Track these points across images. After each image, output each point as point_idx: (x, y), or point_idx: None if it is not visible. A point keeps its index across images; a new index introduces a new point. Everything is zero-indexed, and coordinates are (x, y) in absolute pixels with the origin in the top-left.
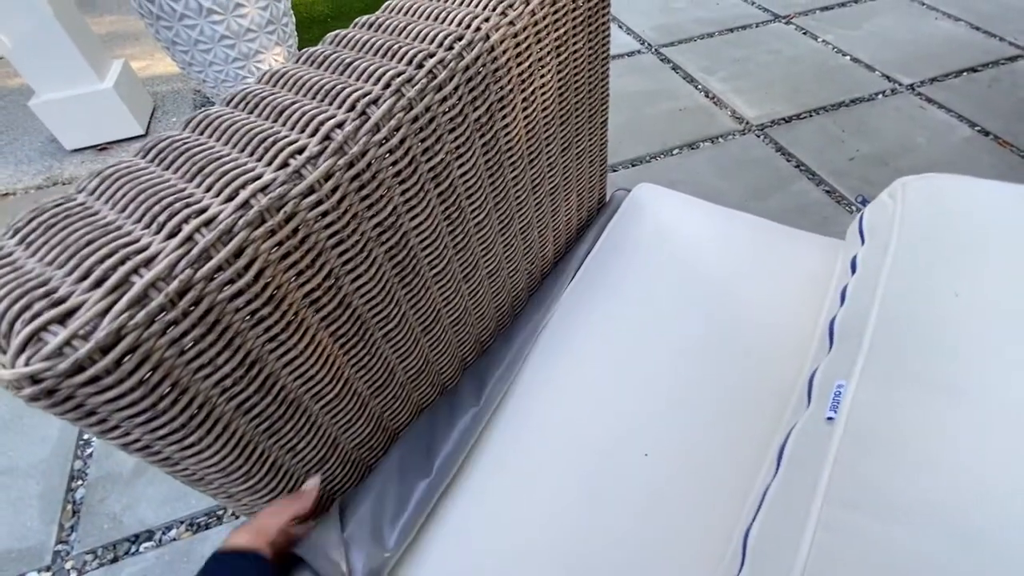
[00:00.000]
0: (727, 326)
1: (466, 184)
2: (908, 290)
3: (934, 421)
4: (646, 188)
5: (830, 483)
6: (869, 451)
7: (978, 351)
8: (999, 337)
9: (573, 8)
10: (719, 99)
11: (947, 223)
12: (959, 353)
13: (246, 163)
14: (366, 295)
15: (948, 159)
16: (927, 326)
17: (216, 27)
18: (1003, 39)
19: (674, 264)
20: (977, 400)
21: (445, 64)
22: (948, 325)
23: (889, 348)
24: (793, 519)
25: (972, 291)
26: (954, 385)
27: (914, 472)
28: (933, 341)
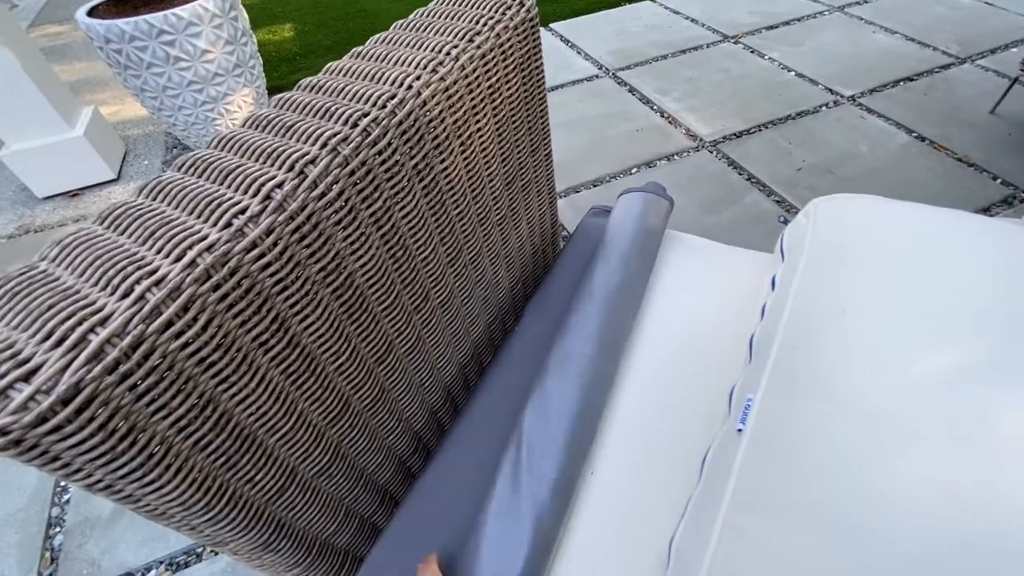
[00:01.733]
0: (670, 343)
1: (409, 224)
2: (809, 307)
3: (822, 430)
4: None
5: (735, 490)
6: (769, 459)
7: (859, 364)
8: (880, 350)
9: (504, 58)
10: (674, 118)
11: (847, 242)
12: (844, 366)
13: (193, 225)
14: (315, 334)
15: (888, 165)
16: (820, 341)
17: (184, 73)
18: (936, 48)
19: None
20: (857, 409)
21: (378, 122)
22: (836, 340)
23: (790, 363)
24: (706, 524)
25: (859, 307)
26: (838, 396)
27: (806, 478)
28: (824, 356)
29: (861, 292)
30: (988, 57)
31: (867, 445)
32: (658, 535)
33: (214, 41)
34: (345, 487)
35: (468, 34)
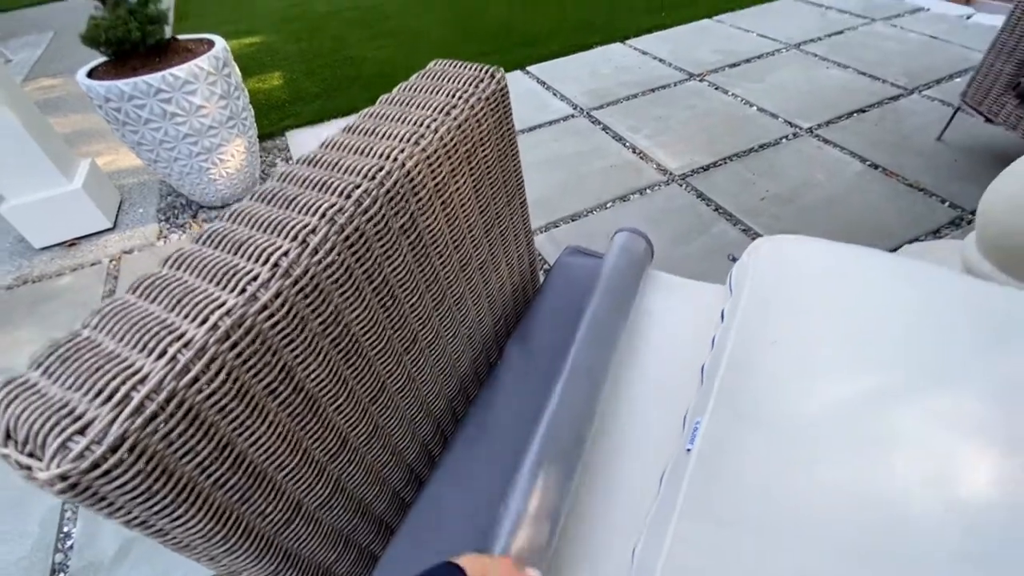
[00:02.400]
0: (640, 369)
1: (397, 276)
2: (747, 338)
3: (755, 448)
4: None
5: (684, 502)
6: (711, 474)
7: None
8: (803, 377)
9: (478, 125)
10: (645, 154)
11: (781, 280)
12: (773, 392)
13: (213, 292)
14: (316, 378)
15: (845, 192)
16: (755, 369)
17: (179, 127)
18: (885, 81)
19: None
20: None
21: (368, 192)
22: (768, 369)
23: (730, 389)
24: (660, 533)
25: (788, 338)
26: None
27: (741, 489)
28: (757, 382)
29: (790, 325)
30: (934, 88)
31: (791, 459)
32: (625, 544)
33: (208, 96)
34: (344, 518)
35: (445, 107)
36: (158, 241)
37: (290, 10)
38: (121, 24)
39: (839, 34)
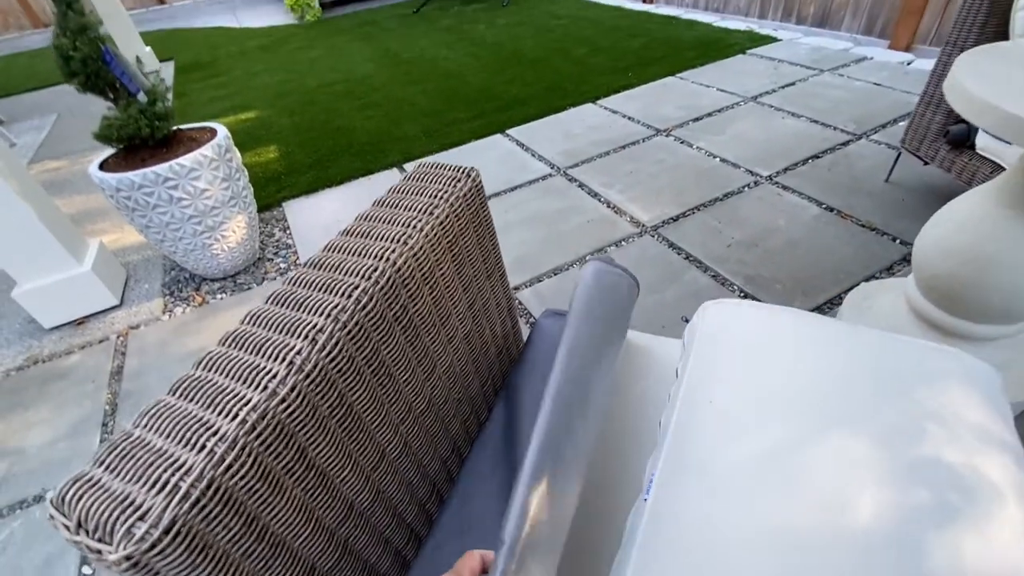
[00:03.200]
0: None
1: (392, 358)
2: (691, 396)
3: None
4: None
5: (639, 550)
6: (661, 521)
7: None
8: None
9: (457, 219)
10: (619, 208)
11: (718, 342)
12: (710, 444)
13: (239, 390)
14: (325, 455)
15: (804, 236)
16: (696, 424)
17: (185, 210)
18: (836, 128)
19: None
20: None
21: (366, 291)
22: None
23: (677, 444)
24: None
25: (724, 397)
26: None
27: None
28: (697, 436)
29: (725, 383)
30: (880, 132)
31: (726, 501)
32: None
33: (212, 180)
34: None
35: (428, 208)
36: (163, 315)
37: (283, 85)
38: (132, 123)
39: (791, 85)
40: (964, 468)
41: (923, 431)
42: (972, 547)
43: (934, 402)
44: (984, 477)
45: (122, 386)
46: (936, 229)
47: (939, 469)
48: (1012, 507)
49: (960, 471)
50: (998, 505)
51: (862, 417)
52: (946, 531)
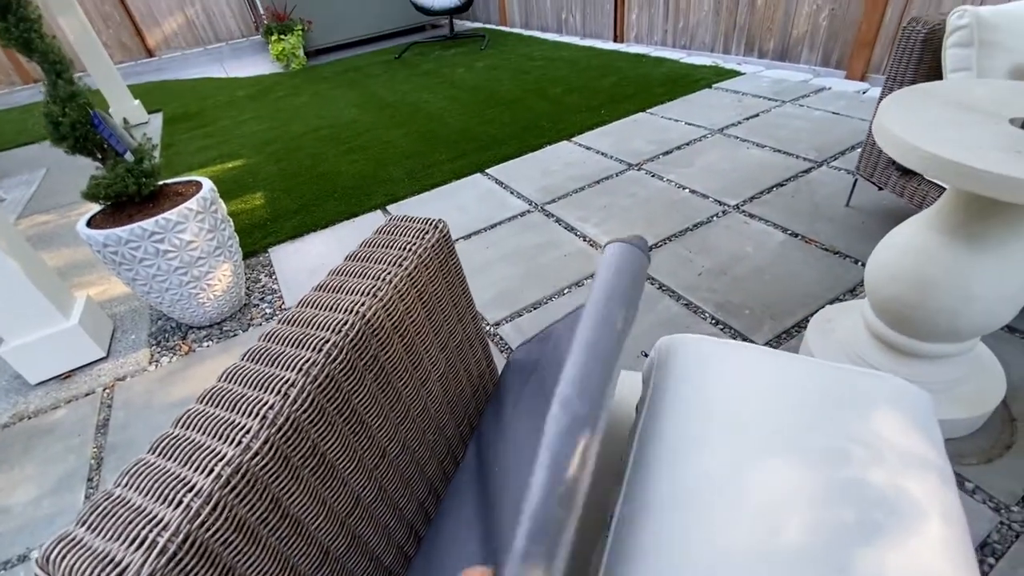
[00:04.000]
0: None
1: (363, 405)
2: (647, 430)
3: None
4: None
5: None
6: (620, 554)
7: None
8: (686, 457)
9: (426, 268)
10: (594, 241)
11: (674, 375)
12: (660, 480)
13: (215, 447)
14: (299, 504)
15: (771, 261)
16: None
17: (171, 262)
18: (798, 156)
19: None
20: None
21: (336, 344)
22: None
23: (636, 477)
24: None
25: (674, 432)
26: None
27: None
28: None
29: (675, 417)
30: (839, 159)
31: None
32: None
33: (197, 232)
34: None
35: (397, 260)
36: (149, 365)
37: (269, 133)
38: (119, 181)
39: (755, 117)
40: (889, 487)
41: (852, 454)
42: (895, 561)
43: (864, 426)
44: (908, 495)
45: (108, 439)
46: (883, 254)
47: (866, 489)
48: (934, 522)
49: (885, 490)
50: (920, 521)
51: (798, 443)
52: (870, 547)
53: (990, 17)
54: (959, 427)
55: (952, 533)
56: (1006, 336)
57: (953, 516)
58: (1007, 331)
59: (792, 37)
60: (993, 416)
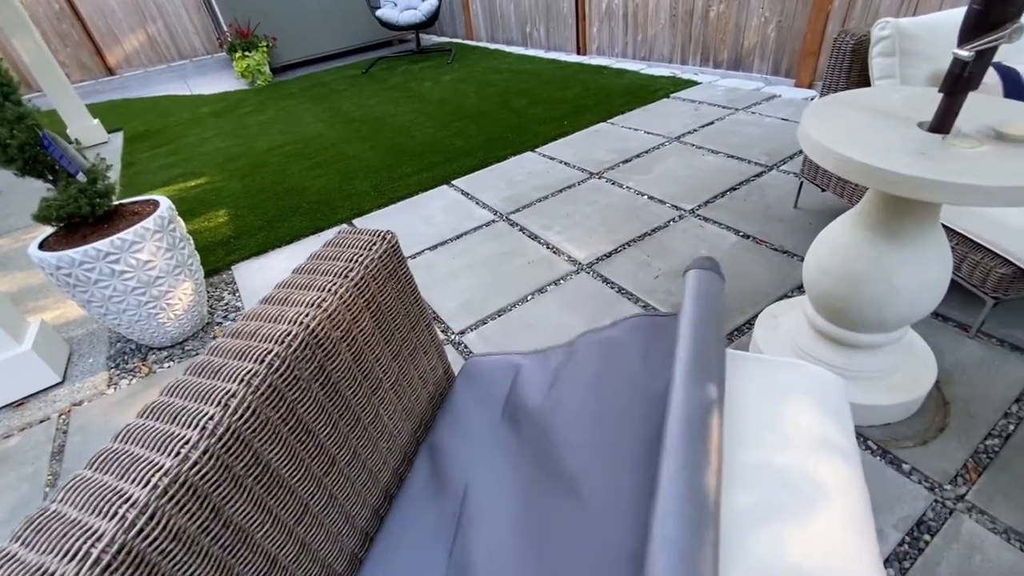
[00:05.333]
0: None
1: (310, 415)
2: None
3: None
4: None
5: None
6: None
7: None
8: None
9: (374, 279)
10: (557, 248)
11: None
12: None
13: (153, 458)
14: (243, 512)
15: (725, 262)
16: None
17: (128, 282)
18: (750, 161)
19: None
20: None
21: (279, 355)
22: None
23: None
24: None
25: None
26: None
27: None
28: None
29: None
30: (789, 163)
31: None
32: None
33: (155, 251)
34: None
35: (343, 271)
36: (108, 389)
37: (234, 150)
38: (72, 202)
39: (710, 124)
40: (795, 469)
41: (763, 439)
42: (794, 538)
43: (775, 412)
44: (812, 476)
45: (63, 466)
46: (817, 252)
47: (771, 472)
48: (836, 501)
49: (790, 472)
50: (822, 500)
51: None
52: (771, 527)
53: (910, 28)
54: (896, 412)
55: (853, 510)
56: (937, 324)
57: (855, 493)
58: (939, 319)
59: (744, 48)
60: (928, 400)
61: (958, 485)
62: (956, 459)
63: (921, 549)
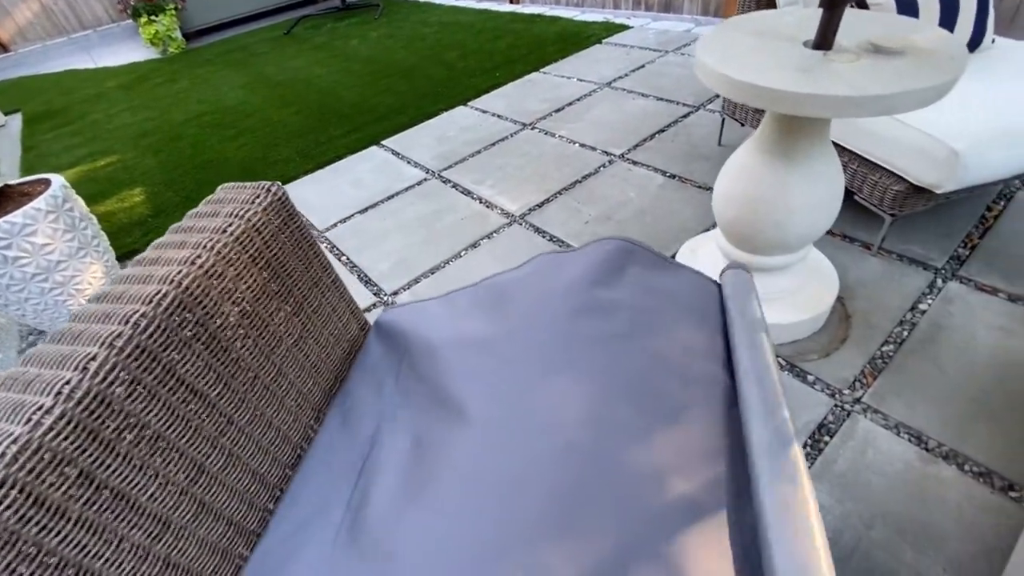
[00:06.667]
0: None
1: (194, 374)
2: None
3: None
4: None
5: None
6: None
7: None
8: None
9: (259, 233)
10: (490, 202)
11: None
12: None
13: (7, 428)
14: (119, 475)
15: (651, 204)
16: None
17: (25, 269)
18: (678, 103)
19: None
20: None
21: (146, 315)
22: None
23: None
24: None
25: None
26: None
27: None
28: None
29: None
30: (714, 102)
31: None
32: None
33: (52, 234)
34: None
35: (223, 227)
36: None
37: (145, 124)
38: None
39: (641, 68)
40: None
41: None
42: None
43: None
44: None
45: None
46: (722, 180)
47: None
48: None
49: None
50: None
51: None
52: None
53: None
54: (802, 328)
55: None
56: (844, 244)
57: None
58: (845, 240)
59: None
60: (832, 316)
61: (856, 389)
62: (855, 366)
63: (821, 450)
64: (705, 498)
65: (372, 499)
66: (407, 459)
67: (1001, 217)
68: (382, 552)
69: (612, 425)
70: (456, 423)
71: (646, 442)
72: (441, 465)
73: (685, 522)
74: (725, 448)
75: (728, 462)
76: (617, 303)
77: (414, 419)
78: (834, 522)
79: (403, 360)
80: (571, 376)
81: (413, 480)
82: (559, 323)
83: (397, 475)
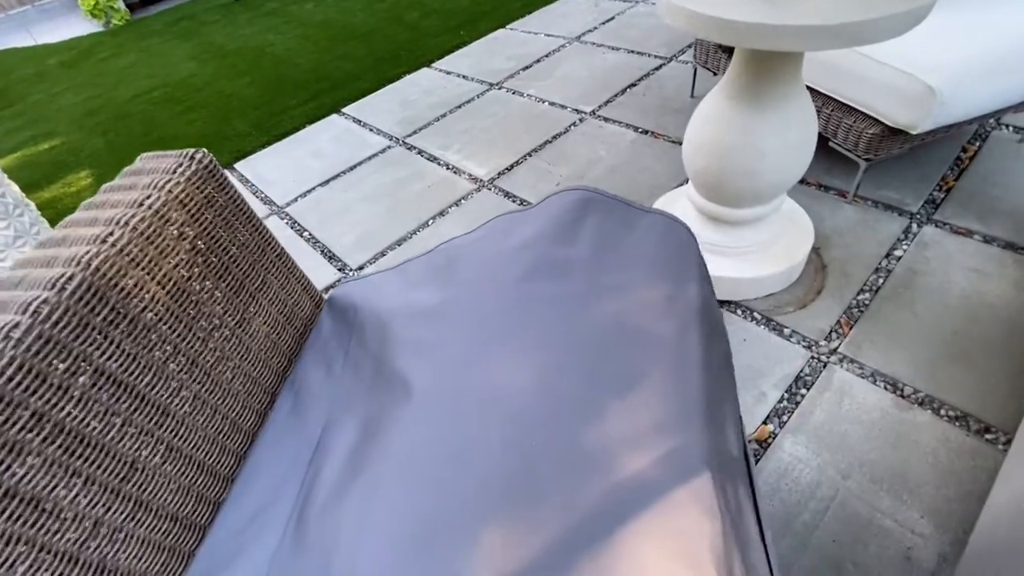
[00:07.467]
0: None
1: (115, 363)
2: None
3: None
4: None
5: None
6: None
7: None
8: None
9: (182, 205)
10: (457, 168)
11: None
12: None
13: None
14: (35, 480)
15: (623, 161)
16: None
17: None
18: (649, 55)
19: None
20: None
21: (48, 301)
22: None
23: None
24: None
25: None
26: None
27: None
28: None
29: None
30: (686, 52)
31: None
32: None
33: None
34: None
35: (139, 200)
36: None
37: (90, 103)
38: None
39: (611, 20)
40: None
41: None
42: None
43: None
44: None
45: None
46: (691, 130)
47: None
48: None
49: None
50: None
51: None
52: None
53: None
54: (777, 281)
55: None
56: (819, 193)
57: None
58: (821, 189)
59: None
60: (807, 267)
61: (832, 340)
62: (831, 317)
63: (798, 402)
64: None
65: (317, 490)
66: (353, 442)
67: (976, 158)
68: (324, 546)
69: (564, 392)
70: (401, 400)
71: (599, 410)
72: (383, 446)
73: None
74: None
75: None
76: (573, 261)
77: (362, 399)
78: (811, 474)
79: (352, 336)
80: (520, 343)
81: (355, 465)
82: (509, 286)
83: (343, 462)
